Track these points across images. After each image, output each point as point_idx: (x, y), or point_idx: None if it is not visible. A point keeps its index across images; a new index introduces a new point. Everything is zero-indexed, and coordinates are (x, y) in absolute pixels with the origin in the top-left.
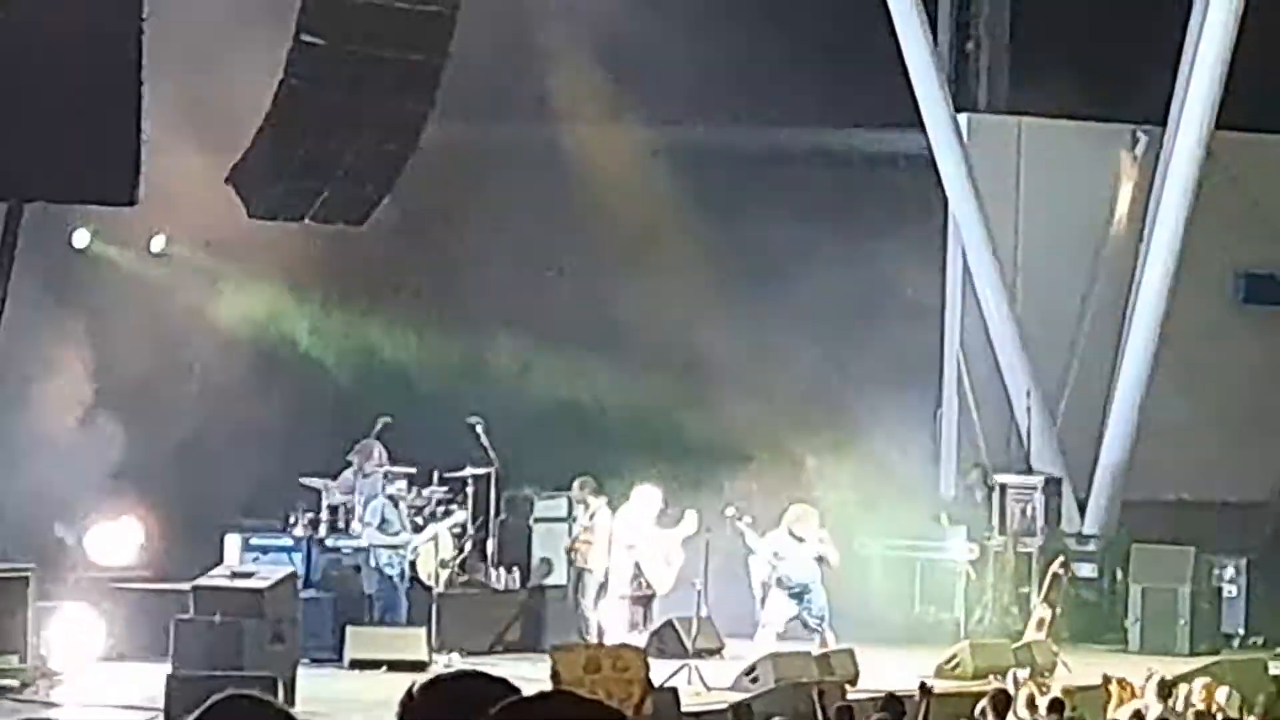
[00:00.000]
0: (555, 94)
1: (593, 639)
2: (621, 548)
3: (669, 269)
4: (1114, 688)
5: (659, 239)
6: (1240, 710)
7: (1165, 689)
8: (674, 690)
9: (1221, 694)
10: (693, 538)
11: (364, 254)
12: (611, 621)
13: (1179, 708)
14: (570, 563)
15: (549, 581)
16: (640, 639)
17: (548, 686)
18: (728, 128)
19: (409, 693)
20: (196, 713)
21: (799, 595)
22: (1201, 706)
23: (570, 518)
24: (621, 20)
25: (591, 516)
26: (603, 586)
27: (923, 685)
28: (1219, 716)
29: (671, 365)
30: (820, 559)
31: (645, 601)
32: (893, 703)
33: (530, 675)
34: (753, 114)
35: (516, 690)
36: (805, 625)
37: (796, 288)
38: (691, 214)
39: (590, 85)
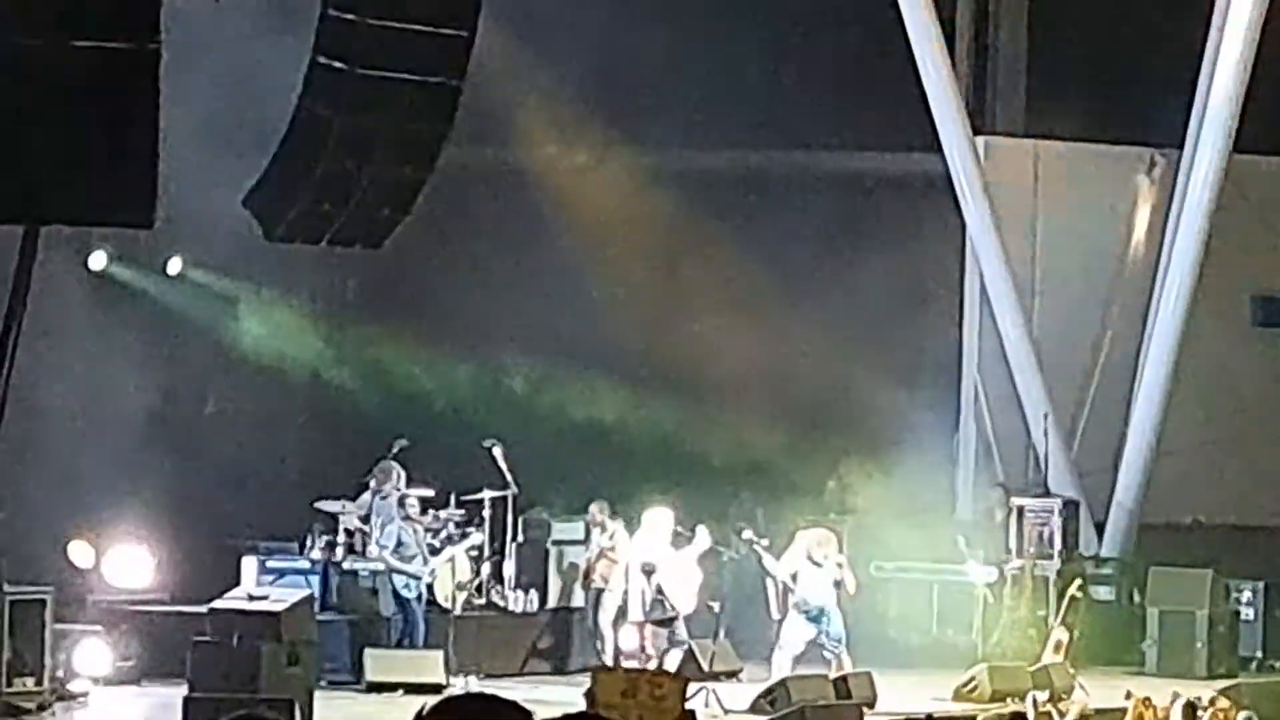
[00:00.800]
0: (575, 117)
1: (609, 661)
2: (637, 571)
3: (686, 291)
4: (1137, 705)
5: (677, 261)
6: None
7: (1191, 711)
8: (692, 713)
9: (1241, 717)
10: (706, 555)
11: (382, 276)
12: (629, 645)
13: None
14: (587, 586)
15: (568, 604)
16: (668, 662)
17: (569, 709)
18: (746, 151)
19: (419, 714)
20: None
21: (816, 618)
22: None
23: (586, 540)
24: (639, 43)
25: (611, 538)
26: (621, 610)
27: (929, 718)
28: None
29: (687, 387)
30: (838, 584)
31: (667, 624)
32: None
33: (548, 699)
34: (771, 137)
35: (528, 714)
36: (822, 648)
37: (813, 310)
38: (709, 236)
39: (608, 109)
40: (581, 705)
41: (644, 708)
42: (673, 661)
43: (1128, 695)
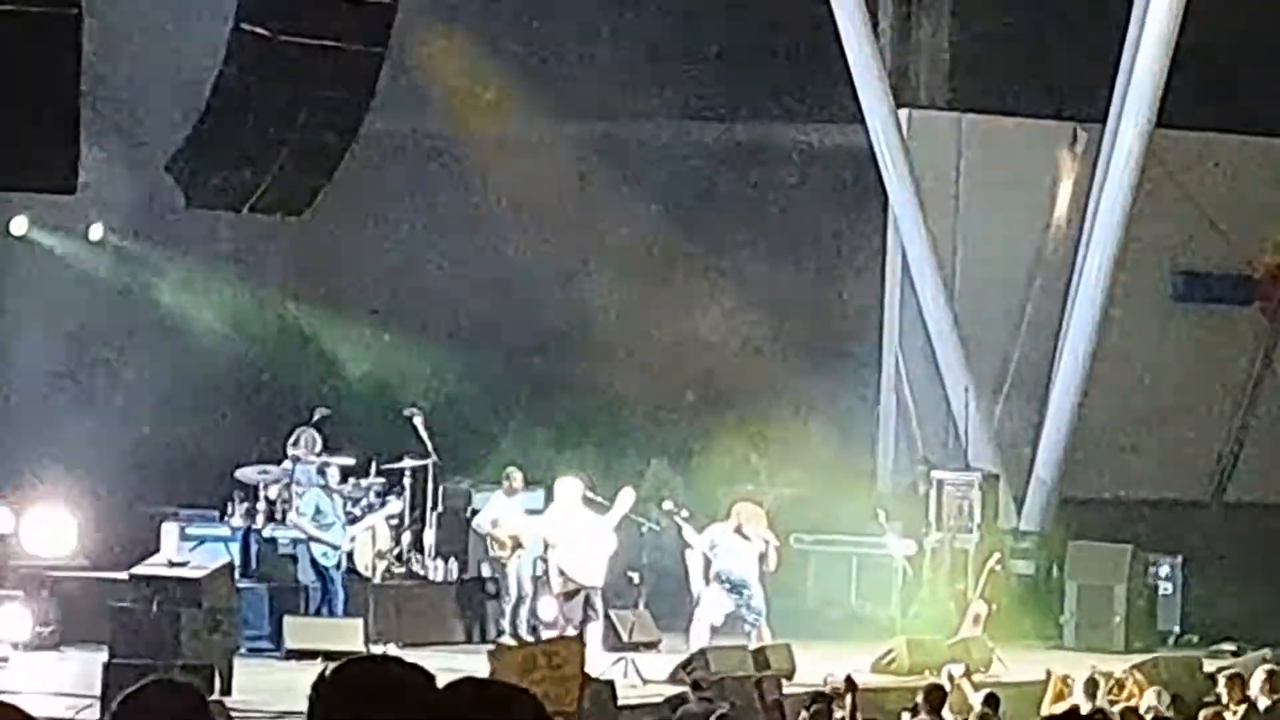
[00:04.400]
0: (495, 85)
1: (524, 633)
2: (552, 542)
3: (606, 260)
4: (1057, 684)
5: (596, 234)
6: (1171, 709)
7: (1092, 687)
8: (610, 683)
9: (1151, 694)
10: (629, 525)
11: (303, 244)
12: (548, 616)
13: (1109, 705)
14: (495, 558)
15: (486, 574)
16: (587, 633)
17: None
18: (668, 122)
19: (321, 675)
20: (120, 696)
21: (737, 590)
22: (1131, 704)
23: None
24: (560, 13)
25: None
26: (537, 580)
27: (848, 679)
28: (1149, 716)
29: (610, 359)
30: (762, 557)
31: (574, 595)
32: (821, 698)
33: (466, 668)
34: (692, 108)
35: (430, 677)
36: (742, 620)
37: (734, 281)
38: (629, 209)
39: (528, 78)
40: None
41: (546, 682)
42: (592, 632)
43: (1048, 674)
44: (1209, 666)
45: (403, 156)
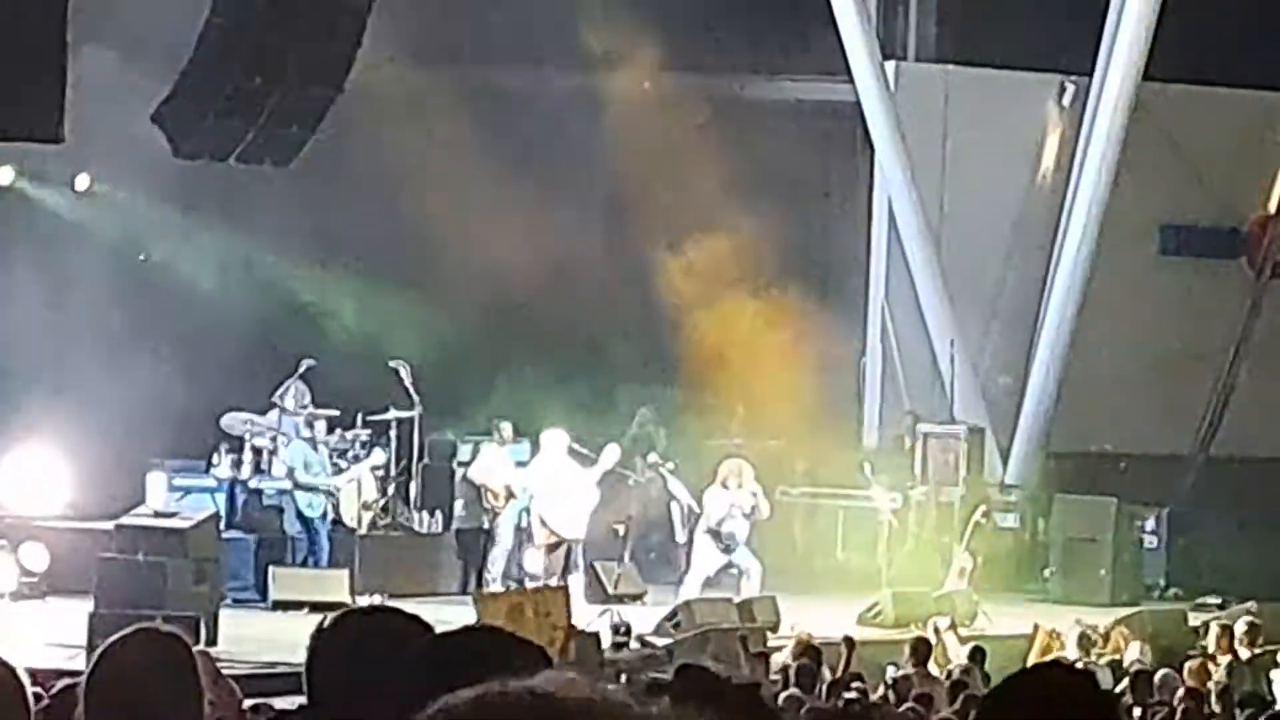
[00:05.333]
0: (484, 38)
1: (511, 583)
2: (536, 494)
3: (593, 216)
4: (1045, 638)
5: (584, 186)
6: (1155, 662)
7: (1086, 642)
8: (596, 635)
9: (1135, 647)
10: (615, 477)
11: (290, 196)
12: (534, 568)
13: (1096, 659)
14: (485, 508)
15: (471, 525)
16: (570, 584)
17: None
18: (656, 75)
19: (320, 626)
20: (104, 645)
21: (724, 544)
22: (1116, 657)
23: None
24: None
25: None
26: (522, 530)
27: (846, 639)
28: (1134, 668)
29: (597, 312)
30: (750, 512)
31: (556, 547)
32: (809, 650)
33: (451, 619)
34: (677, 62)
35: (429, 627)
36: (729, 573)
37: (721, 236)
38: (615, 161)
39: (517, 28)
40: None
41: (531, 626)
42: (575, 584)
43: (1035, 628)
44: (1193, 620)
45: (387, 107)
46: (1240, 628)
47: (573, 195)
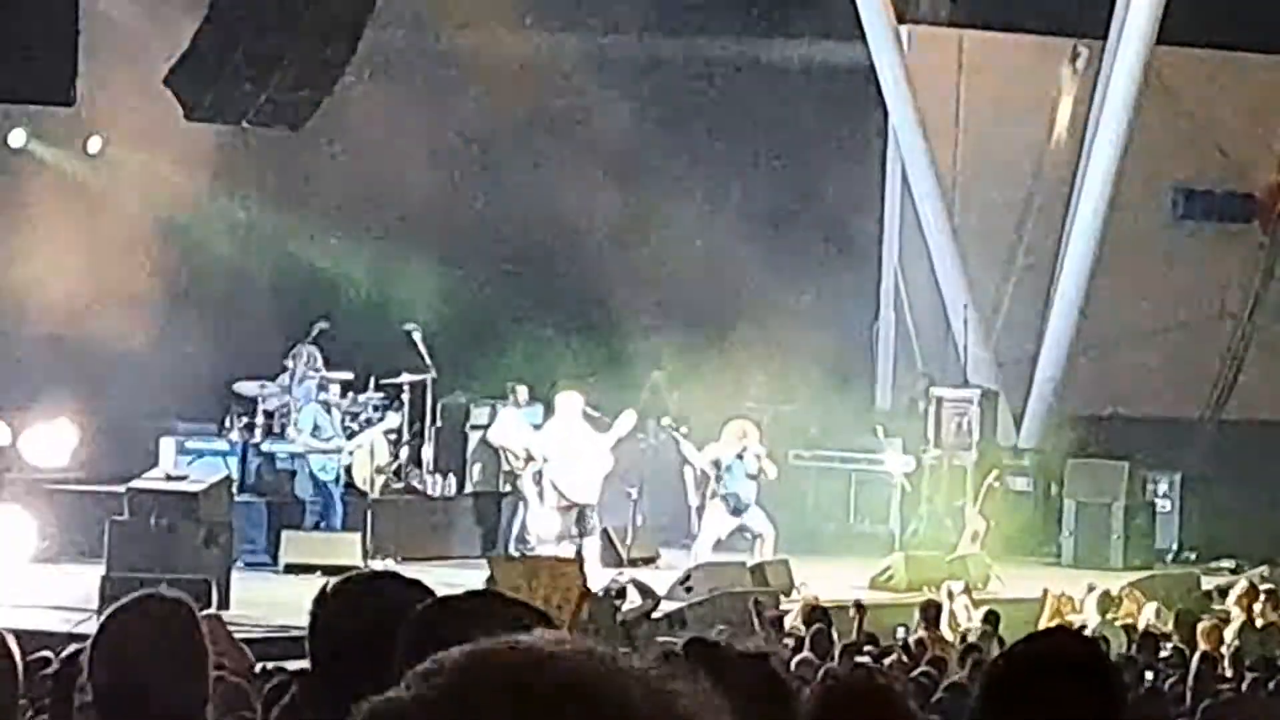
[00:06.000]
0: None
1: (527, 549)
2: (550, 457)
3: (605, 178)
4: (1055, 603)
5: (595, 148)
6: (1171, 626)
7: (1107, 600)
8: (610, 598)
9: (1149, 610)
10: (627, 440)
11: (302, 158)
12: (544, 531)
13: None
14: (505, 471)
15: (485, 489)
16: (573, 549)
17: None
18: (666, 39)
19: (322, 591)
20: (109, 609)
21: (735, 507)
22: (1129, 621)
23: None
24: None
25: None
26: (540, 495)
27: (857, 603)
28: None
29: (608, 275)
30: (757, 475)
31: (570, 510)
32: (815, 611)
33: (464, 583)
34: (693, 22)
35: (431, 593)
36: (742, 536)
37: (734, 200)
38: (628, 124)
39: None
40: None
41: (546, 590)
42: (590, 547)
43: (1044, 593)
44: (1206, 584)
45: (395, 71)
46: (1264, 589)
47: (583, 157)
